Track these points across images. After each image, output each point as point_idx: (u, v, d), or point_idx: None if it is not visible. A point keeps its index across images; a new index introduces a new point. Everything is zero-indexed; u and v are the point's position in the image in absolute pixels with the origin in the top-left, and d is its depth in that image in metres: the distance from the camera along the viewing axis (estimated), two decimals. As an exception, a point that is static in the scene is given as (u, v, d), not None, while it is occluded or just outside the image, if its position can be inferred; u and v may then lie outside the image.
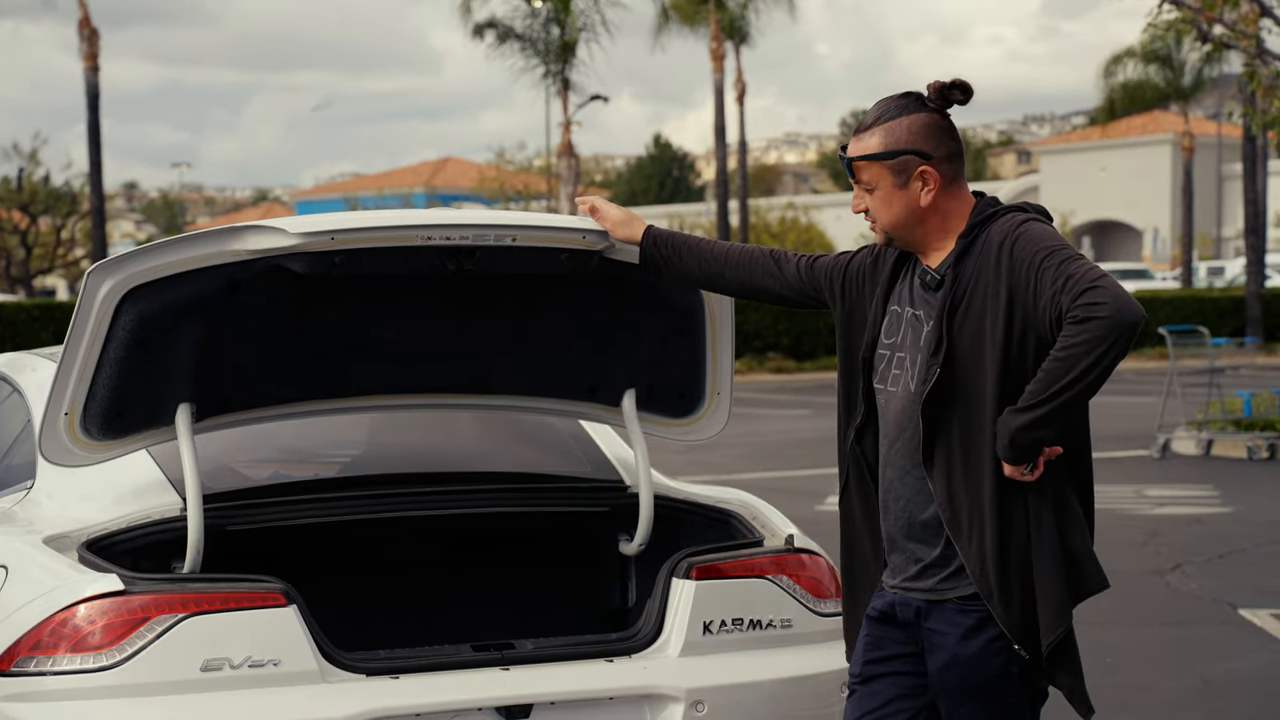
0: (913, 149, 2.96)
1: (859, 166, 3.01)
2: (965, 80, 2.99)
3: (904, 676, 3.03)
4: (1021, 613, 2.89)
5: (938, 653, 2.97)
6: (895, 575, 3.04)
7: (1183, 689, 6.14)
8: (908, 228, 3.00)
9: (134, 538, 3.42)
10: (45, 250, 42.00)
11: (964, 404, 2.90)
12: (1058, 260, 2.82)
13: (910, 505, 2.98)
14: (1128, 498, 11.41)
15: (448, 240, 3.34)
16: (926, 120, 2.98)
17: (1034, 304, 2.83)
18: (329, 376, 3.69)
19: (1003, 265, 2.88)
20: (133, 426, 3.45)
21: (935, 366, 2.91)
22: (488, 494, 3.80)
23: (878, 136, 2.98)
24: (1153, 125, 56.67)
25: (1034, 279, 2.83)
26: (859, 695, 3.07)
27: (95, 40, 29.95)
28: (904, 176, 2.97)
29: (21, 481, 3.73)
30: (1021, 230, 2.90)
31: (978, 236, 2.94)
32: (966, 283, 2.92)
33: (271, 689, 3.10)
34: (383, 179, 75.35)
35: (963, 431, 2.90)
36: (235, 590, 3.14)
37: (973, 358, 2.90)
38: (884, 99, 3.04)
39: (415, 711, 3.17)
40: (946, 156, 2.98)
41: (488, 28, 31.62)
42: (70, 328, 3.28)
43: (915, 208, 2.98)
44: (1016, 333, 2.86)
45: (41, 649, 3.07)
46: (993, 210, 2.98)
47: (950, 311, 2.92)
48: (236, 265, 3.31)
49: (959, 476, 2.90)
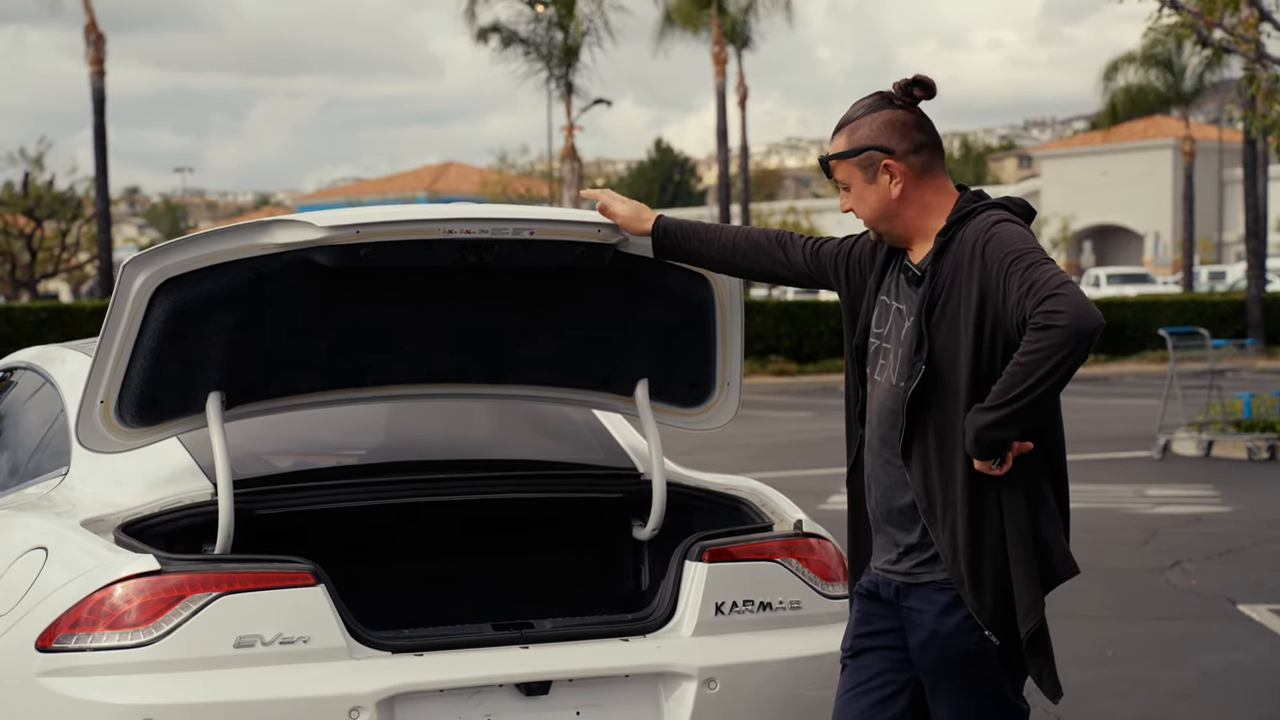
0: (874, 144, 3.10)
1: (834, 166, 3.16)
2: (927, 77, 3.13)
3: (891, 651, 3.15)
4: (993, 599, 2.99)
5: (917, 630, 3.09)
6: (878, 556, 3.17)
7: (1181, 680, 6.24)
8: (886, 221, 3.13)
9: (167, 521, 3.53)
10: (50, 254, 42.12)
11: (939, 398, 3.02)
12: (1024, 265, 2.93)
13: (889, 491, 3.11)
14: (1128, 497, 11.52)
15: (468, 234, 3.45)
16: (890, 116, 3.11)
17: (1003, 305, 2.95)
18: (352, 367, 3.80)
19: (975, 265, 2.99)
20: (165, 414, 3.56)
21: (920, 364, 3.02)
22: (505, 480, 3.92)
23: (844, 136, 3.14)
24: (1154, 130, 56.76)
25: (1002, 282, 2.94)
26: (849, 669, 3.20)
27: (101, 45, 30.06)
28: (871, 171, 3.11)
29: (56, 468, 3.84)
30: (994, 231, 3.00)
31: (955, 234, 3.06)
32: (943, 281, 3.03)
33: (301, 665, 3.21)
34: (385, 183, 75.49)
35: (938, 424, 3.02)
36: (266, 570, 3.26)
37: (948, 354, 3.01)
38: (856, 101, 3.19)
39: (439, 687, 3.28)
40: (912, 149, 3.11)
41: (492, 32, 31.74)
42: (106, 319, 3.39)
43: (887, 200, 3.11)
44: (987, 331, 2.98)
45: (81, 626, 3.18)
46: (972, 207, 3.09)
47: (928, 308, 3.04)
48: (265, 258, 3.42)
49: (934, 467, 3.02)
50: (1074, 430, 16.44)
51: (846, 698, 3.18)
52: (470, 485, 3.89)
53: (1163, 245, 56.45)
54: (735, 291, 3.78)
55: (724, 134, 35.02)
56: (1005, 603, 3.00)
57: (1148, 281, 43.94)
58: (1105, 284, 43.14)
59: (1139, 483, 12.30)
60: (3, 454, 4.29)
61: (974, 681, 3.06)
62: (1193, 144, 39.41)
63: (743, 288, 3.81)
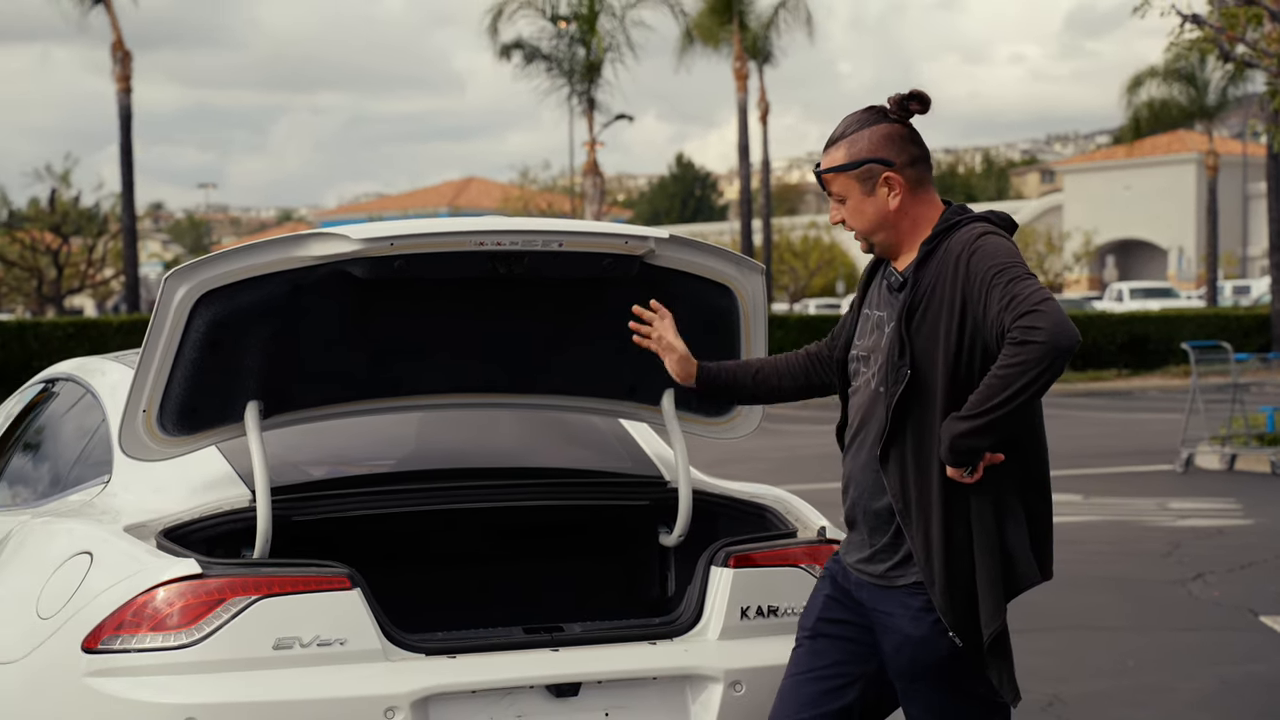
0: (875, 157, 3.17)
1: (829, 179, 3.22)
2: (922, 90, 3.20)
3: (850, 642, 3.22)
4: (962, 603, 3.06)
5: (890, 634, 3.15)
6: (850, 553, 3.24)
7: (1201, 690, 6.28)
8: (881, 232, 3.21)
9: (207, 527, 3.62)
10: (75, 270, 42.43)
11: (918, 404, 3.09)
12: (1007, 278, 3.01)
13: (867, 493, 3.18)
14: (1151, 510, 11.54)
15: (499, 246, 3.54)
16: (887, 130, 3.18)
17: (983, 317, 3.03)
18: (385, 376, 3.89)
19: (959, 275, 3.07)
20: (205, 423, 3.65)
21: (905, 369, 3.10)
22: (534, 488, 4.00)
23: (843, 149, 3.20)
24: (1177, 144, 56.65)
25: (984, 294, 3.02)
26: (806, 650, 3.26)
27: (128, 62, 30.33)
28: (870, 184, 3.18)
29: (99, 476, 3.94)
30: (979, 244, 3.08)
31: (939, 244, 3.13)
32: (925, 288, 3.11)
33: (338, 666, 3.29)
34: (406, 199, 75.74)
35: (915, 429, 3.09)
36: (304, 574, 3.34)
37: (927, 361, 3.09)
38: (849, 115, 3.25)
39: (471, 688, 3.36)
40: (909, 162, 3.18)
41: (514, 48, 31.93)
42: (148, 330, 3.49)
43: (885, 212, 3.18)
44: (967, 341, 3.05)
45: (125, 628, 3.27)
46: (957, 219, 3.16)
47: (909, 314, 3.11)
48: (301, 270, 3.51)
49: (911, 471, 3.09)
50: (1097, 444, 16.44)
51: (798, 679, 3.23)
52: (501, 493, 3.98)
53: (1186, 260, 56.29)
54: (759, 303, 3.86)
55: (745, 149, 35.12)
56: (970, 606, 3.07)
57: (1171, 296, 43.84)
58: (1128, 298, 43.06)
59: (1161, 496, 12.32)
60: (45, 462, 4.39)
61: (949, 684, 3.13)
62: (1216, 158, 39.38)
63: (766, 299, 3.90)
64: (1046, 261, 51.04)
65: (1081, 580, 8.70)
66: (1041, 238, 51.02)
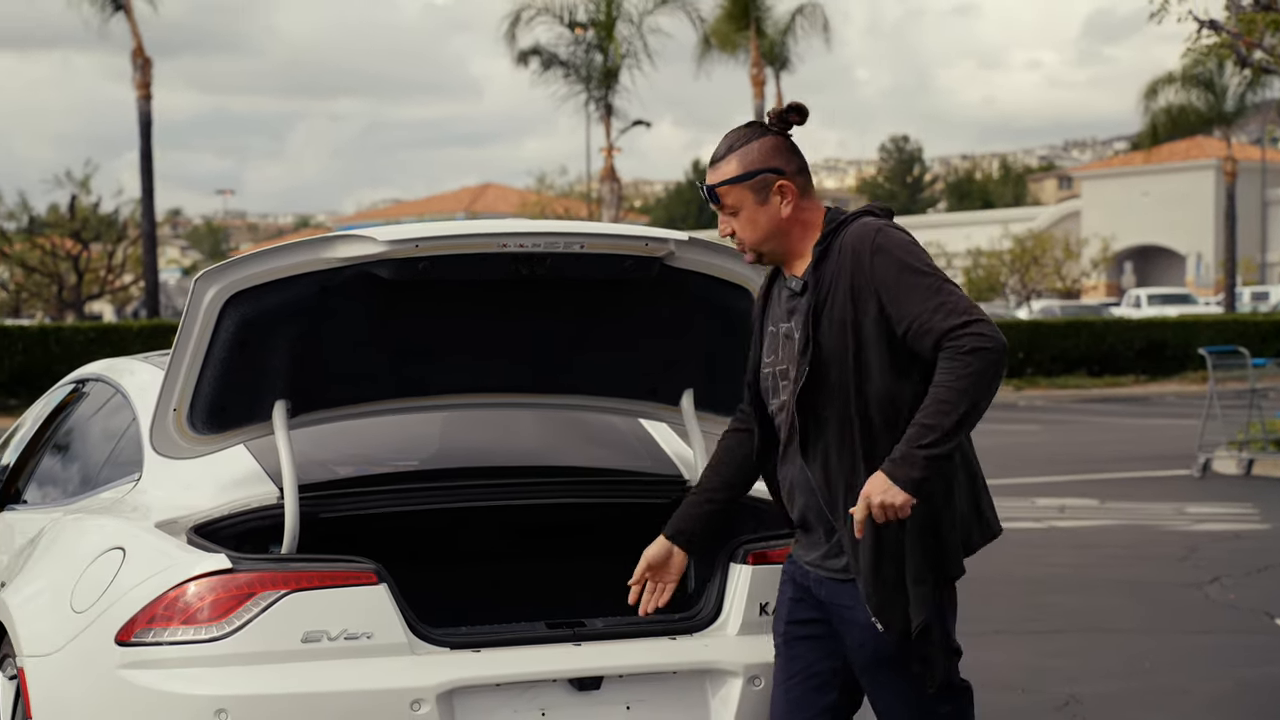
0: (768, 167, 3.26)
1: (722, 193, 3.30)
2: (800, 103, 3.31)
3: (820, 640, 3.33)
4: (889, 592, 3.14)
5: (851, 627, 3.24)
6: (807, 552, 3.34)
7: (1217, 692, 6.31)
8: (774, 240, 3.29)
9: (235, 523, 3.70)
10: (95, 276, 42.67)
11: (833, 398, 3.17)
12: (930, 282, 3.11)
13: (809, 495, 3.27)
14: (1167, 515, 11.56)
15: (521, 247, 3.61)
16: (774, 141, 3.28)
17: (896, 313, 3.11)
18: (409, 376, 3.96)
19: (864, 266, 3.15)
20: (234, 422, 3.73)
21: (805, 364, 3.19)
22: (555, 486, 4.07)
23: (734, 162, 3.28)
24: (1195, 150, 56.53)
25: (898, 292, 3.11)
26: (783, 656, 3.38)
27: (148, 69, 30.52)
28: (764, 193, 3.27)
29: (129, 475, 4.01)
30: (881, 239, 3.17)
31: (833, 241, 3.22)
32: (828, 285, 3.19)
33: (365, 659, 3.36)
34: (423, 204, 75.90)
35: (835, 421, 3.18)
36: (332, 569, 3.41)
37: (838, 355, 3.17)
38: (731, 131, 3.35)
39: (496, 681, 3.43)
40: (797, 170, 3.29)
41: (532, 55, 32.07)
42: (179, 330, 3.56)
43: (778, 220, 3.27)
44: (877, 330, 3.14)
45: (157, 622, 3.34)
46: (843, 217, 3.27)
47: (816, 312, 3.19)
48: (328, 272, 3.58)
49: (834, 467, 3.19)
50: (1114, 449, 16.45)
51: (785, 686, 3.37)
52: (522, 491, 4.05)
53: (1205, 266, 56.18)
54: None
55: (763, 155, 35.08)
56: (900, 594, 3.15)
57: (1189, 302, 43.77)
58: (1146, 305, 42.99)
59: (1178, 501, 12.33)
60: (76, 461, 4.47)
61: (909, 672, 3.20)
62: (1234, 164, 39.31)
63: None
64: (1064, 267, 50.99)
65: (1097, 583, 8.74)
66: (1059, 244, 50.94)
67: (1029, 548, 10.07)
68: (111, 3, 30.53)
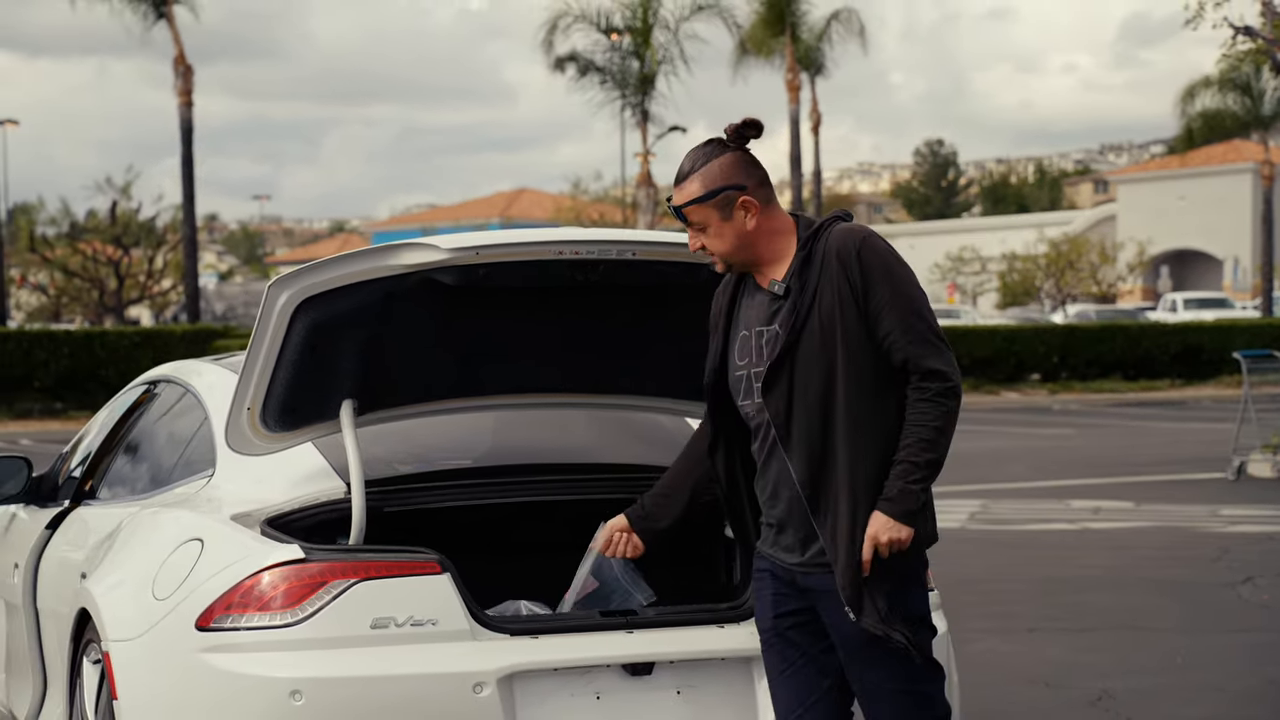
0: (729, 184, 3.41)
1: (688, 212, 3.46)
2: (755, 118, 3.48)
3: (808, 628, 3.47)
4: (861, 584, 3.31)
5: (837, 611, 3.37)
6: (790, 555, 3.46)
7: (1250, 689, 6.43)
8: (743, 252, 3.45)
9: (305, 516, 3.89)
10: (134, 281, 43.15)
11: (817, 397, 3.33)
12: (906, 302, 3.32)
13: (792, 494, 3.41)
14: (1202, 517, 11.65)
15: (577, 254, 3.80)
16: (733, 158, 3.43)
17: (875, 319, 3.32)
18: (467, 377, 4.16)
19: (849, 270, 3.33)
20: (303, 420, 3.92)
21: (789, 364, 3.34)
22: (606, 483, 4.25)
23: (697, 182, 3.44)
24: (1232, 154, 56.27)
25: (881, 306, 3.31)
26: (776, 648, 3.51)
27: (189, 76, 30.90)
28: (728, 209, 3.42)
29: (201, 471, 4.22)
30: (866, 244, 3.36)
31: (814, 246, 3.40)
32: (814, 286, 3.36)
33: (430, 644, 3.54)
34: (458, 210, 76.17)
35: (819, 422, 3.33)
36: (398, 560, 3.60)
37: (822, 356, 3.34)
38: (692, 150, 3.51)
39: (553, 666, 3.61)
40: (758, 184, 3.45)
41: (569, 61, 32.29)
42: (253, 334, 3.77)
43: (744, 233, 3.43)
44: (860, 331, 3.33)
45: (234, 608, 3.54)
46: (821, 222, 3.44)
47: (801, 314, 3.36)
48: (393, 278, 3.78)
49: (817, 462, 3.34)
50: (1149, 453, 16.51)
51: (782, 677, 3.50)
52: (574, 487, 4.23)
53: (1242, 270, 55.90)
54: None
55: (797, 159, 35.28)
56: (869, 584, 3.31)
57: (1226, 306, 43.59)
58: (1182, 309, 42.86)
59: (1213, 503, 12.41)
60: (150, 459, 4.68)
61: (892, 647, 3.35)
62: (1272, 168, 39.14)
63: None
64: (1100, 272, 50.87)
65: (1131, 583, 8.86)
66: (1095, 248, 50.84)
67: (1063, 549, 10.19)
68: (154, 11, 30.93)
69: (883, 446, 3.33)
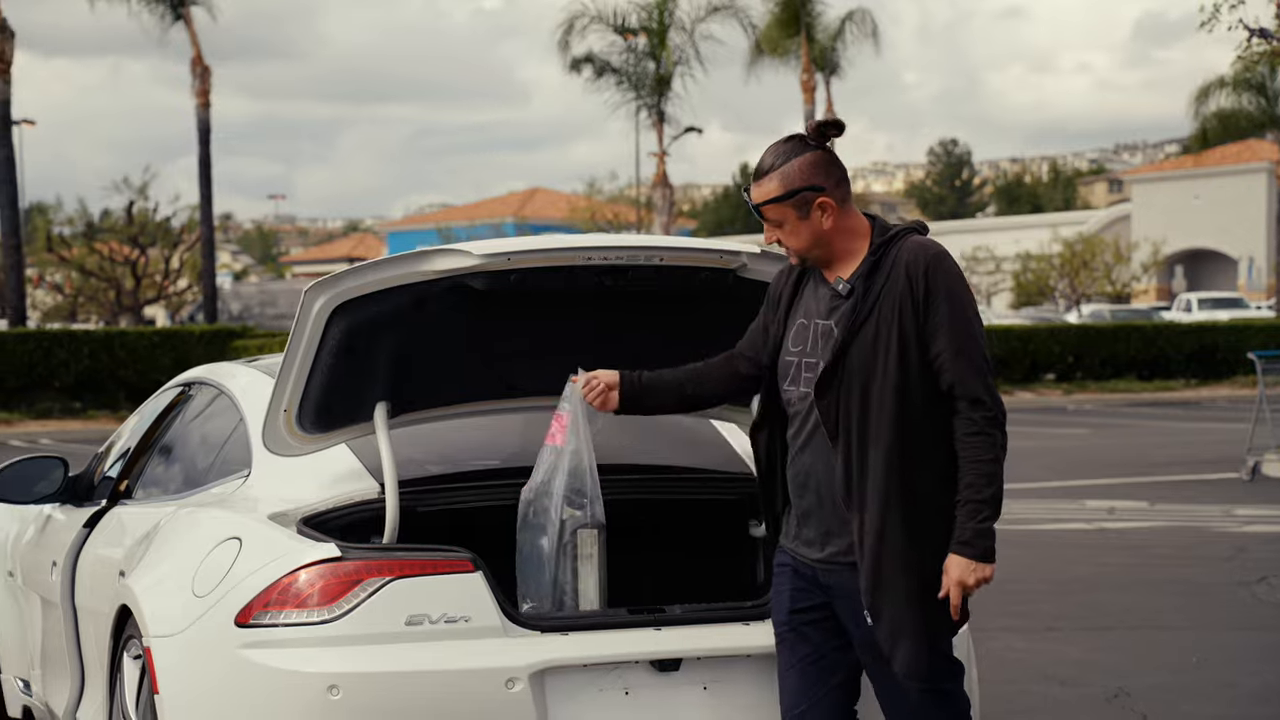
0: (808, 185, 3.47)
1: (765, 209, 3.52)
2: (838, 117, 3.53)
3: (824, 624, 3.56)
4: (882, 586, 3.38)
5: (861, 623, 3.45)
6: (810, 549, 3.54)
7: (1264, 687, 6.50)
8: (817, 249, 3.53)
9: (340, 515, 3.98)
10: (151, 281, 43.30)
11: (861, 398, 3.40)
12: (963, 325, 3.38)
13: (823, 484, 3.49)
14: (1216, 517, 11.70)
15: (605, 260, 3.89)
16: (813, 158, 3.49)
17: (930, 338, 3.39)
18: (497, 380, 4.24)
19: (915, 283, 3.40)
20: (338, 422, 4.02)
21: (841, 363, 3.41)
22: (632, 483, 4.33)
23: (775, 180, 3.50)
24: (1247, 154, 56.15)
25: (939, 325, 3.37)
26: (789, 643, 3.59)
27: (207, 77, 31.05)
28: (805, 209, 3.48)
29: (238, 470, 4.31)
30: (936, 261, 3.42)
31: (885, 253, 3.46)
32: (877, 292, 3.44)
33: (463, 641, 3.63)
34: (472, 209, 76.19)
35: (861, 420, 3.41)
36: (432, 558, 3.69)
37: (876, 358, 3.41)
38: (772, 145, 3.55)
39: (583, 662, 3.70)
40: (836, 184, 3.50)
41: (585, 62, 32.38)
42: (290, 337, 3.86)
43: (820, 232, 3.50)
44: (914, 344, 3.40)
45: (273, 605, 3.63)
46: (894, 230, 3.51)
47: (861, 316, 3.43)
48: (426, 283, 3.87)
49: (855, 462, 3.42)
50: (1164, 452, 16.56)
51: (793, 672, 3.59)
52: (602, 487, 4.30)
53: (1256, 269, 55.78)
54: None
55: (812, 160, 35.19)
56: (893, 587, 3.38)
57: (1240, 306, 43.51)
58: (1197, 309, 42.81)
59: (1227, 503, 12.46)
60: (186, 459, 4.77)
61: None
62: (1286, 168, 39.04)
63: None
64: (1114, 271, 50.81)
65: (1146, 582, 8.92)
66: (1109, 248, 50.78)
67: (1079, 549, 10.26)
68: (172, 12, 31.07)
69: (921, 457, 3.39)
